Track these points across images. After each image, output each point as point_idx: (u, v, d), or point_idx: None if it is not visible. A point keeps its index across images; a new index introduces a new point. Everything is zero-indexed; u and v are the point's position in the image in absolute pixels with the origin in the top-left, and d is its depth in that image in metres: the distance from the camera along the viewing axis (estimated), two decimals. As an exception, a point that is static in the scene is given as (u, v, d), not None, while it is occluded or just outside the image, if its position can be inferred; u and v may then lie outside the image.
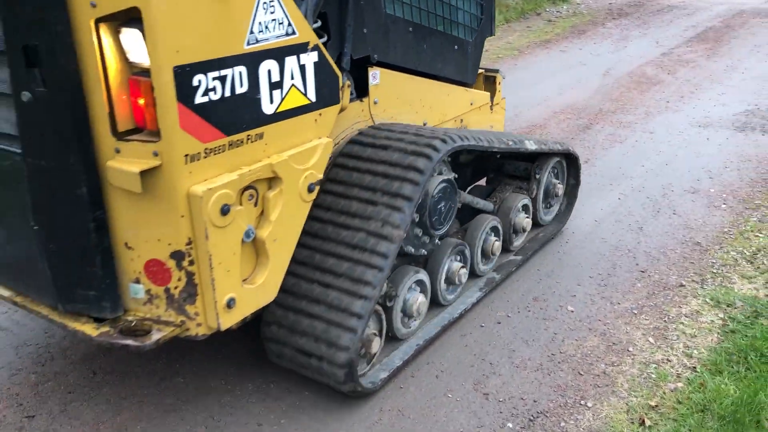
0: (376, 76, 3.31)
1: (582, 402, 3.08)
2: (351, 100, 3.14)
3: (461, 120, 4.11)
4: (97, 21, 2.08)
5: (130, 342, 2.36)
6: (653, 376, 3.24)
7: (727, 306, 3.78)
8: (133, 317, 2.48)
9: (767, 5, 17.56)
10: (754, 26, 14.10)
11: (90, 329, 2.45)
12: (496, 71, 4.52)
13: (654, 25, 14.01)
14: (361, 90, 3.29)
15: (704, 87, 8.77)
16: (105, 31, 2.12)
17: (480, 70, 4.43)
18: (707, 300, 3.84)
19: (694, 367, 3.29)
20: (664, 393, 3.13)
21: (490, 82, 4.53)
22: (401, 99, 3.46)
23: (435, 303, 3.54)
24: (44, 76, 2.15)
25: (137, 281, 2.43)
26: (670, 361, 3.35)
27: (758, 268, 4.17)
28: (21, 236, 2.46)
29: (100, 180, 2.30)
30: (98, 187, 2.31)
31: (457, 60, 3.98)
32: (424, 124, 3.72)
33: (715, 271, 4.14)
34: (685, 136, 6.69)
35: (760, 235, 4.61)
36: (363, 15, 3.06)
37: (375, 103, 3.34)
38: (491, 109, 4.51)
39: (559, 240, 4.53)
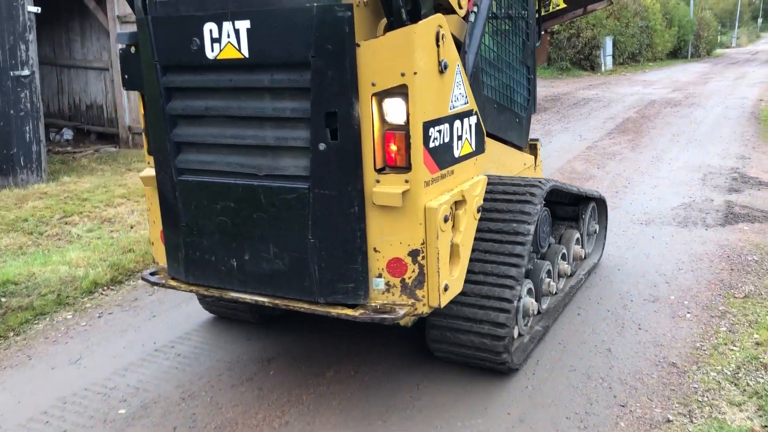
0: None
1: None
2: None
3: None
4: (373, 95, 3.09)
5: (386, 316, 3.19)
6: None
7: (724, 443, 3.34)
8: (375, 303, 3.32)
9: (674, 94, 18.43)
10: (667, 115, 14.60)
11: (350, 312, 3.25)
12: (537, 140, 5.66)
13: (574, 119, 14.29)
14: None
15: (636, 180, 8.75)
16: (374, 101, 3.11)
17: None
18: (700, 437, 3.39)
19: None
20: None
21: (532, 148, 5.60)
22: (488, 157, 4.18)
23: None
24: (337, 132, 3.10)
25: (379, 276, 3.30)
26: None
27: (744, 390, 3.78)
28: (295, 249, 3.30)
29: (365, 201, 3.21)
30: (363, 207, 3.21)
31: (518, 130, 4.97)
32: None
33: (700, 399, 3.71)
34: (629, 236, 6.47)
35: (735, 348, 4.26)
36: (474, 96, 3.90)
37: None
38: (534, 169, 5.59)
39: (525, 371, 4.05)
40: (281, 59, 3.11)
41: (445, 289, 3.33)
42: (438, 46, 3.21)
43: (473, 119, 3.73)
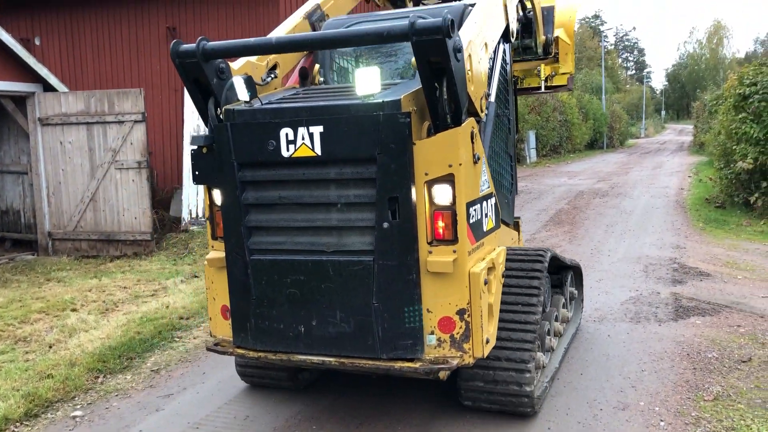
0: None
1: None
2: None
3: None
4: (425, 182, 3.77)
5: (442, 366, 3.76)
6: None
7: None
8: (429, 356, 3.85)
9: (600, 185, 18.99)
10: (597, 206, 14.90)
11: (411, 365, 3.81)
12: (518, 217, 6.30)
13: (509, 211, 14.41)
14: None
15: (581, 274, 8.66)
16: (426, 187, 3.78)
17: None
18: None
19: None
20: None
21: (516, 225, 6.14)
22: None
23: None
24: (398, 213, 3.76)
25: (432, 333, 3.84)
26: None
27: None
28: (360, 313, 3.85)
29: (420, 269, 3.80)
30: (419, 274, 3.79)
31: (507, 209, 5.50)
32: None
33: None
34: (586, 335, 6.26)
35: (718, 460, 4.00)
36: None
37: None
38: (518, 243, 6.25)
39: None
40: (350, 156, 3.81)
41: (486, 341, 3.95)
42: (473, 142, 3.95)
43: (493, 200, 4.48)
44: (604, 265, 9.08)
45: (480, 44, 4.33)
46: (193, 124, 12.81)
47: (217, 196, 4.22)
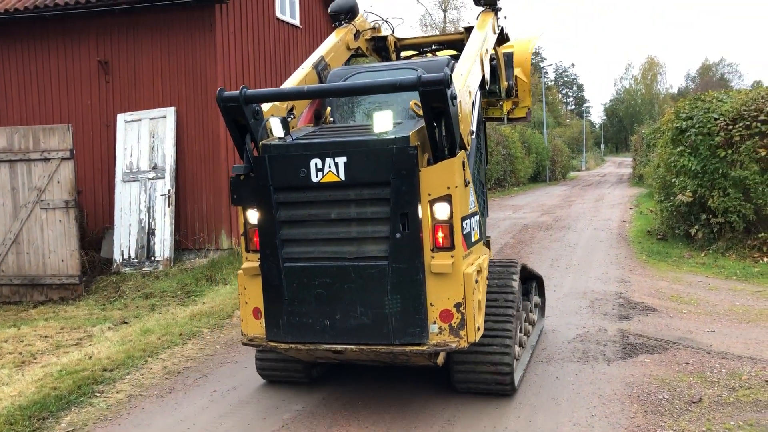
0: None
1: None
2: None
3: None
4: (429, 201, 4.72)
5: (443, 348, 4.72)
6: None
7: None
8: (432, 341, 4.76)
9: (543, 218, 19.07)
10: (542, 240, 14.86)
11: (418, 348, 4.74)
12: (489, 237, 6.89)
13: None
14: None
15: (527, 311, 8.45)
16: (428, 205, 4.73)
17: None
18: None
19: None
20: None
21: (487, 244, 6.65)
22: None
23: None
24: (408, 225, 4.70)
25: (434, 323, 4.76)
26: None
27: None
28: (377, 307, 4.78)
29: (425, 271, 4.74)
30: (424, 275, 4.73)
31: (481, 228, 5.99)
32: None
33: None
34: (533, 378, 6.00)
35: None
36: None
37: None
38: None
39: None
40: (369, 180, 4.72)
41: (478, 329, 4.88)
42: (464, 169, 4.96)
43: (478, 217, 5.51)
44: (550, 301, 8.90)
45: (466, 91, 5.33)
46: (125, 160, 12.30)
47: (252, 215, 5.10)
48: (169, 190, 11.95)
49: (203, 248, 12.13)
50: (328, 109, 6.16)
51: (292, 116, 5.71)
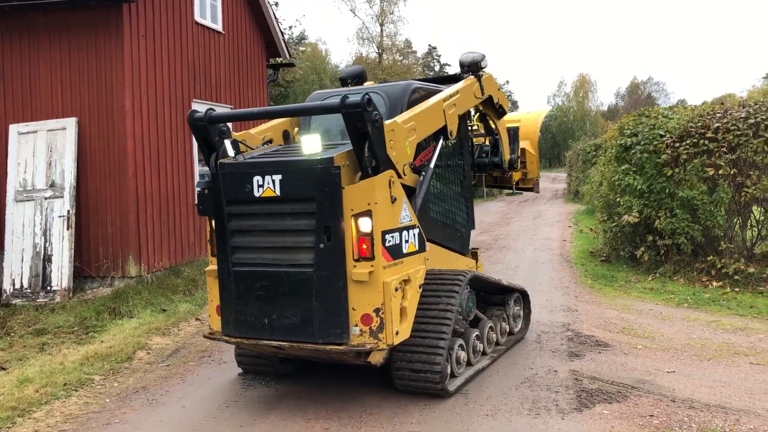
0: (427, 246, 6.27)
1: None
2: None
3: None
4: (352, 215, 5.26)
5: (361, 349, 5.23)
6: None
7: None
8: (354, 342, 5.30)
9: (482, 237, 18.32)
10: (483, 261, 14.00)
11: (339, 348, 5.27)
12: (477, 248, 7.94)
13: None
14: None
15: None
16: (353, 219, 5.27)
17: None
18: None
19: None
20: None
21: (474, 255, 7.77)
22: (436, 258, 6.56)
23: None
24: (330, 237, 5.27)
25: (356, 325, 5.29)
26: None
27: None
28: (304, 310, 5.37)
29: (347, 278, 5.27)
30: (346, 282, 5.27)
31: (459, 240, 7.30)
32: None
33: None
34: (478, 439, 5.09)
35: None
36: (425, 219, 6.34)
37: (427, 259, 6.25)
38: (479, 270, 7.71)
39: None
40: (299, 195, 5.41)
41: (396, 333, 5.36)
42: (390, 187, 5.49)
43: (416, 230, 5.94)
44: (493, 336, 8.03)
45: (408, 128, 5.93)
46: (18, 177, 10.90)
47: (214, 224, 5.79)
48: (69, 211, 10.60)
49: (108, 276, 10.80)
50: (296, 129, 7.02)
51: (267, 144, 6.58)
